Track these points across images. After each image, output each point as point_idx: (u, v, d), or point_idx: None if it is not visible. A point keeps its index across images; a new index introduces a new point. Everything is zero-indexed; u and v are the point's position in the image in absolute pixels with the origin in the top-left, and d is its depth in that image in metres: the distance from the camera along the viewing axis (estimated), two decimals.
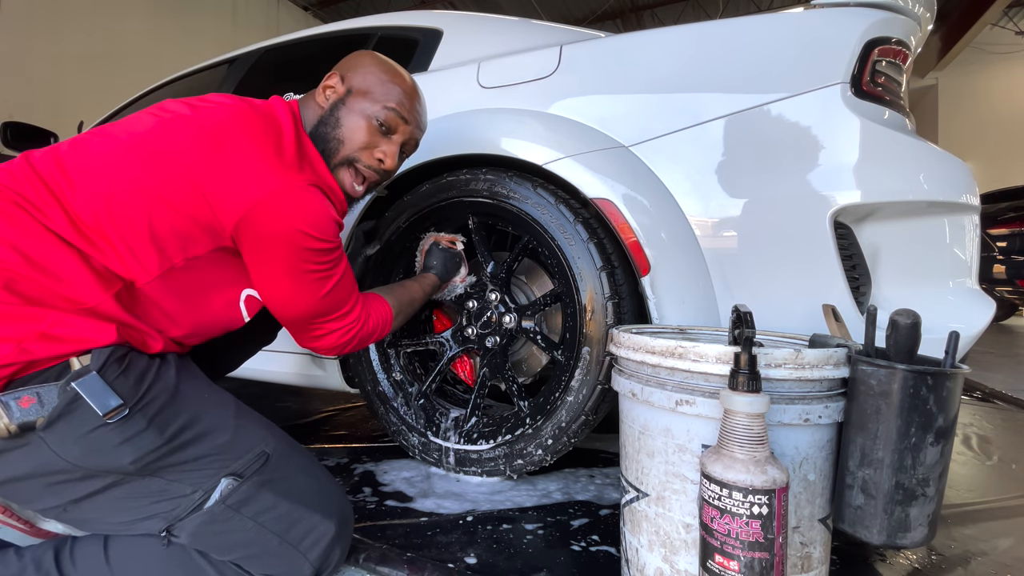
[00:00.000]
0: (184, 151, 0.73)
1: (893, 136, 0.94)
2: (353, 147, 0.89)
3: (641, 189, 1.02)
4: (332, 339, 0.88)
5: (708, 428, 0.66)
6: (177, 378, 0.74)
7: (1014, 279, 4.20)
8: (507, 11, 8.69)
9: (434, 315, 1.42)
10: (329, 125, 0.89)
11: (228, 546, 0.72)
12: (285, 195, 0.75)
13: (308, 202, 0.77)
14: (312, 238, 0.77)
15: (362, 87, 0.91)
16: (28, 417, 0.62)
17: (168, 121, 0.76)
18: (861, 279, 0.98)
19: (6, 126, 2.05)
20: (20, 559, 0.72)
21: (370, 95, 0.91)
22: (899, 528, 0.64)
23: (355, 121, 0.90)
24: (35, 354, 0.63)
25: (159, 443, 0.68)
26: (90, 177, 0.70)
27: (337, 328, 0.88)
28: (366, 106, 0.90)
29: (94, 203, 0.69)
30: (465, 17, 1.49)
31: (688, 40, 1.08)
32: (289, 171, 0.77)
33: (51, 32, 5.74)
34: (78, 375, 0.64)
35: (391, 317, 0.98)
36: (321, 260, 0.80)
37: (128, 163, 0.71)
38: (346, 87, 0.91)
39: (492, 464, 1.15)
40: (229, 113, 0.77)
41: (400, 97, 0.92)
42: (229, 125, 0.76)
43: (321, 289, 0.82)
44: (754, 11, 2.74)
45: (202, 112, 0.77)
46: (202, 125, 0.75)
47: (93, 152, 0.72)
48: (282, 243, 0.76)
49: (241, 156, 0.74)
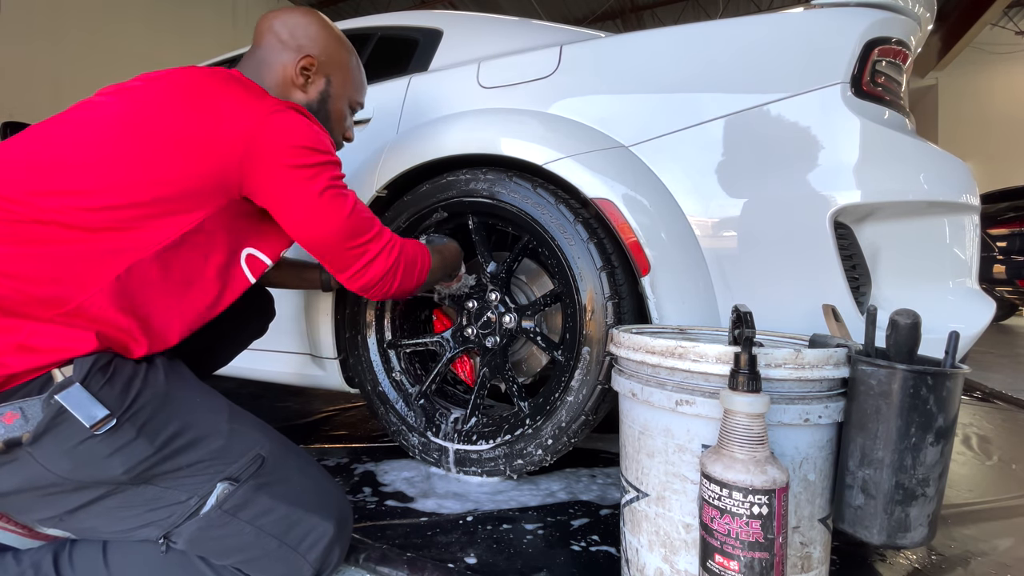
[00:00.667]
0: (167, 111, 0.73)
1: (893, 136, 0.94)
2: (335, 133, 0.99)
3: (641, 189, 1.02)
4: (376, 267, 0.87)
5: (708, 428, 0.66)
6: (166, 383, 0.72)
7: (1014, 279, 4.19)
8: (507, 11, 8.69)
9: (434, 315, 1.42)
10: (319, 117, 0.94)
11: (227, 550, 0.72)
12: (272, 118, 0.76)
13: (294, 120, 0.79)
14: (312, 150, 0.79)
15: (342, 76, 0.97)
16: (13, 433, 0.61)
17: (133, 92, 0.75)
18: (861, 279, 0.98)
19: (6, 126, 2.05)
20: (19, 563, 0.71)
21: (349, 83, 0.98)
22: (899, 528, 0.64)
23: (339, 110, 0.98)
24: (13, 367, 0.62)
25: (150, 451, 0.67)
26: (68, 162, 0.68)
27: (378, 250, 0.87)
28: (347, 95, 0.99)
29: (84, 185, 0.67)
30: (465, 17, 1.49)
31: (688, 40, 1.08)
32: (268, 102, 0.79)
33: (51, 32, 5.74)
34: (61, 387, 0.62)
35: (428, 256, 0.98)
36: (327, 172, 0.81)
37: (109, 140, 0.70)
38: (324, 75, 0.94)
39: (492, 464, 1.15)
40: (198, 74, 0.79)
41: (366, 82, 1.02)
42: (203, 82, 0.78)
43: (343, 207, 0.82)
44: (754, 11, 2.74)
45: (165, 79, 0.77)
46: (174, 87, 0.76)
47: (57, 140, 0.70)
48: (287, 166, 0.77)
49: (225, 100, 0.76)
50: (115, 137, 0.70)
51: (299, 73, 0.91)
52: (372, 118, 1.38)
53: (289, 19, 0.93)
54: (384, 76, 1.46)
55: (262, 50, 0.92)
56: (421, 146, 1.21)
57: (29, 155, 0.69)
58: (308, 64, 0.91)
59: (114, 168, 0.69)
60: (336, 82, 0.96)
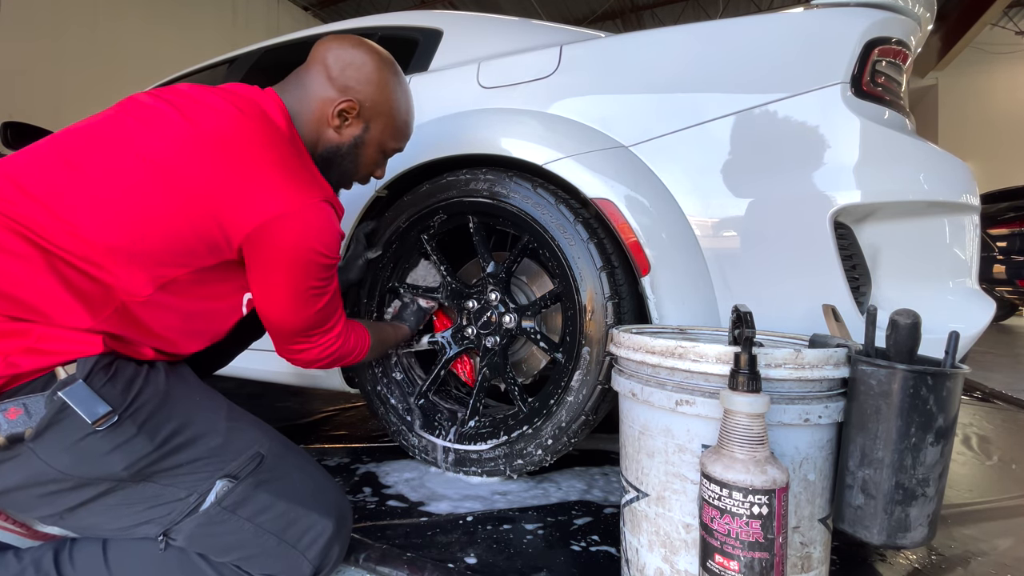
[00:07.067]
0: (185, 165, 0.69)
1: (893, 136, 0.94)
2: (362, 174, 0.97)
3: (641, 189, 1.02)
4: (313, 353, 0.89)
5: (708, 428, 0.66)
6: (167, 382, 0.73)
7: (1014, 279, 4.19)
8: (507, 11, 8.69)
9: (434, 315, 1.42)
10: (347, 160, 0.92)
11: (226, 547, 0.72)
12: (304, 213, 0.74)
13: (323, 220, 0.77)
14: (323, 256, 0.78)
15: (383, 124, 0.92)
16: (16, 429, 0.61)
17: (158, 128, 0.71)
18: (861, 279, 0.98)
19: (6, 126, 2.05)
20: (19, 561, 0.72)
21: (388, 132, 0.94)
22: (899, 528, 0.64)
23: (371, 156, 0.95)
24: (21, 367, 0.62)
25: (150, 448, 0.67)
26: (69, 196, 0.66)
27: (320, 343, 0.88)
28: (383, 142, 0.94)
29: (76, 225, 0.65)
30: (465, 17, 1.49)
31: (688, 40, 1.08)
32: (304, 188, 0.75)
33: (51, 32, 5.74)
34: (64, 384, 0.63)
35: (367, 346, 1.00)
36: (324, 277, 0.80)
37: (115, 178, 0.67)
38: (363, 121, 0.89)
39: (492, 464, 1.15)
40: (228, 123, 0.73)
41: (411, 129, 0.97)
42: (233, 136, 0.72)
43: (316, 304, 0.83)
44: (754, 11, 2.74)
45: (197, 121, 0.72)
46: (202, 136, 0.71)
47: (62, 167, 0.67)
48: (293, 260, 0.75)
49: (253, 170, 0.72)
50: (113, 186, 0.67)
51: (335, 115, 0.86)
52: None
53: (344, 53, 0.87)
54: None
55: (308, 77, 0.87)
56: (421, 146, 1.21)
57: (45, 173, 0.67)
58: (348, 108, 0.86)
59: (98, 223, 0.66)
60: (375, 129, 0.91)
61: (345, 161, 0.91)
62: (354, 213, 1.29)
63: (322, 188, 0.79)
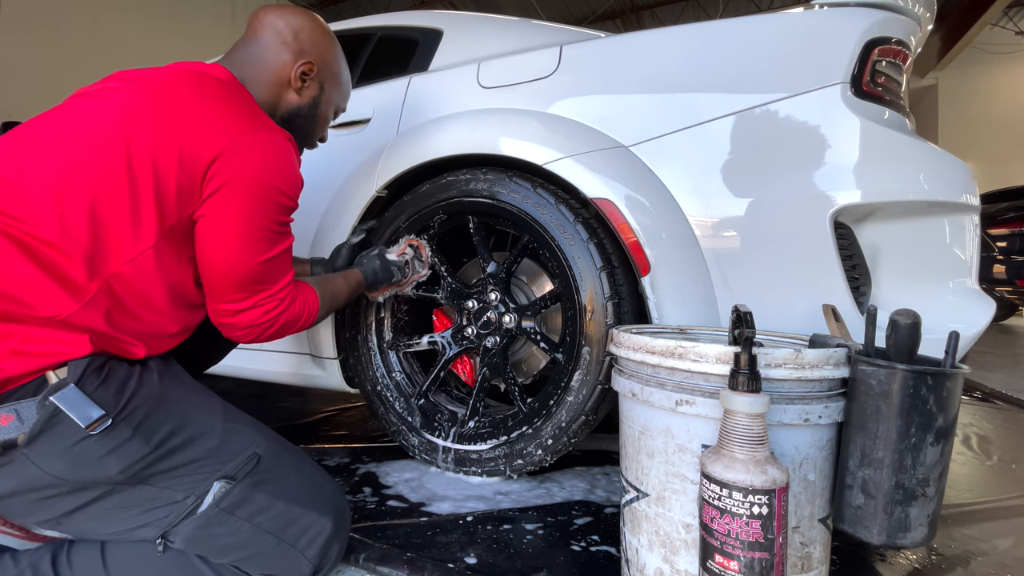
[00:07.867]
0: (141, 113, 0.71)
1: (893, 136, 0.94)
2: (317, 135, 1.01)
3: (641, 189, 1.02)
4: (253, 314, 0.80)
5: (708, 428, 0.66)
6: (161, 384, 0.72)
7: (1014, 279, 4.19)
8: (507, 11, 8.69)
9: (434, 315, 1.42)
10: (308, 120, 0.96)
11: (225, 548, 0.72)
12: (265, 143, 0.76)
13: (284, 152, 0.78)
14: (282, 192, 0.78)
15: (333, 84, 0.98)
16: (8, 435, 0.61)
17: (109, 96, 0.73)
18: (861, 279, 0.98)
19: (6, 126, 2.06)
20: (17, 564, 0.71)
21: (338, 91, 1.00)
22: (899, 528, 0.64)
23: (326, 115, 1.00)
24: (8, 371, 0.62)
25: (146, 451, 0.67)
26: (29, 173, 0.66)
27: (263, 303, 0.80)
28: (335, 101, 1.00)
29: (43, 203, 0.64)
30: (465, 17, 1.49)
31: (688, 40, 1.08)
32: (262, 123, 0.78)
33: (51, 32, 5.74)
34: (56, 388, 0.62)
35: (317, 308, 0.92)
36: (279, 220, 0.79)
37: (71, 147, 0.68)
38: (319, 82, 0.95)
39: (492, 464, 1.15)
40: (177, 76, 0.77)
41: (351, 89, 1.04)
42: (184, 84, 0.76)
43: (266, 252, 0.78)
44: (754, 11, 2.74)
45: (144, 81, 0.75)
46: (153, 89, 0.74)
47: (28, 148, 0.68)
48: (250, 188, 0.74)
49: (209, 109, 0.74)
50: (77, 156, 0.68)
51: (297, 77, 0.91)
52: (372, 118, 1.38)
53: (294, 20, 0.92)
54: (384, 76, 1.46)
55: (259, 45, 0.90)
56: (421, 146, 1.21)
57: (9, 157, 0.68)
58: (308, 70, 0.91)
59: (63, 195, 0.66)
60: (328, 89, 0.97)
61: (307, 122, 0.96)
62: (354, 213, 1.28)
63: (282, 131, 0.81)
